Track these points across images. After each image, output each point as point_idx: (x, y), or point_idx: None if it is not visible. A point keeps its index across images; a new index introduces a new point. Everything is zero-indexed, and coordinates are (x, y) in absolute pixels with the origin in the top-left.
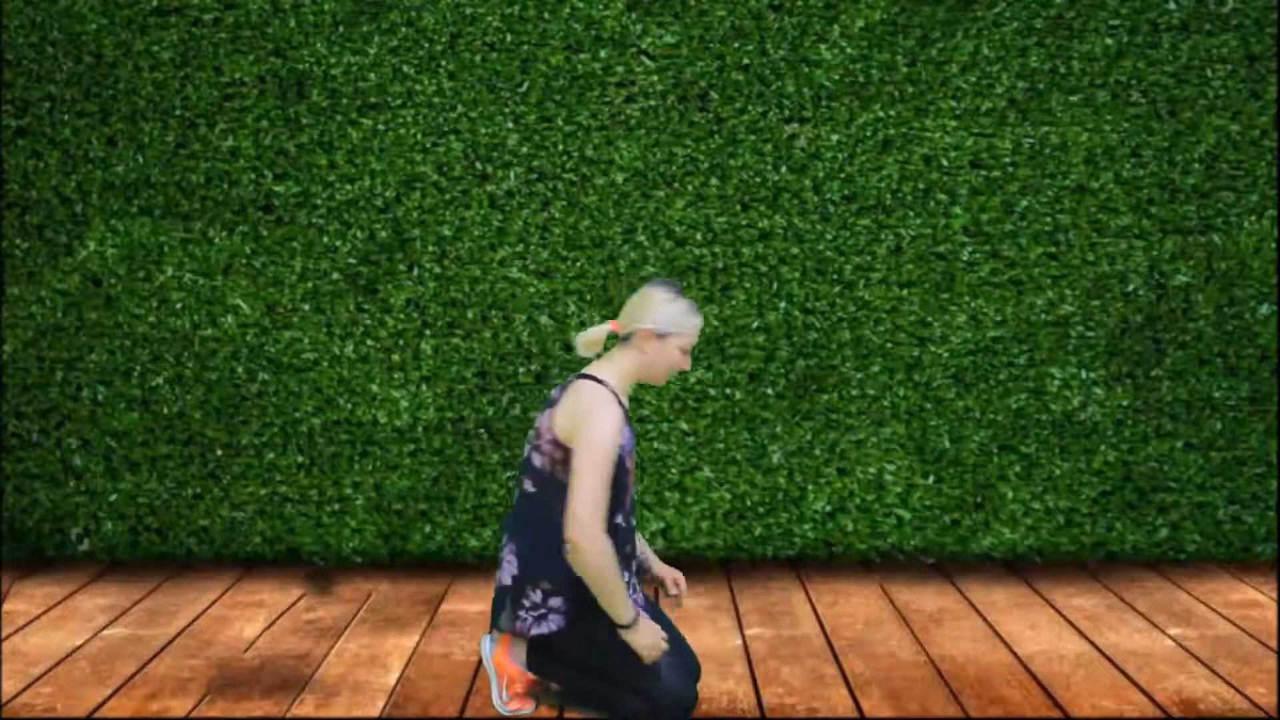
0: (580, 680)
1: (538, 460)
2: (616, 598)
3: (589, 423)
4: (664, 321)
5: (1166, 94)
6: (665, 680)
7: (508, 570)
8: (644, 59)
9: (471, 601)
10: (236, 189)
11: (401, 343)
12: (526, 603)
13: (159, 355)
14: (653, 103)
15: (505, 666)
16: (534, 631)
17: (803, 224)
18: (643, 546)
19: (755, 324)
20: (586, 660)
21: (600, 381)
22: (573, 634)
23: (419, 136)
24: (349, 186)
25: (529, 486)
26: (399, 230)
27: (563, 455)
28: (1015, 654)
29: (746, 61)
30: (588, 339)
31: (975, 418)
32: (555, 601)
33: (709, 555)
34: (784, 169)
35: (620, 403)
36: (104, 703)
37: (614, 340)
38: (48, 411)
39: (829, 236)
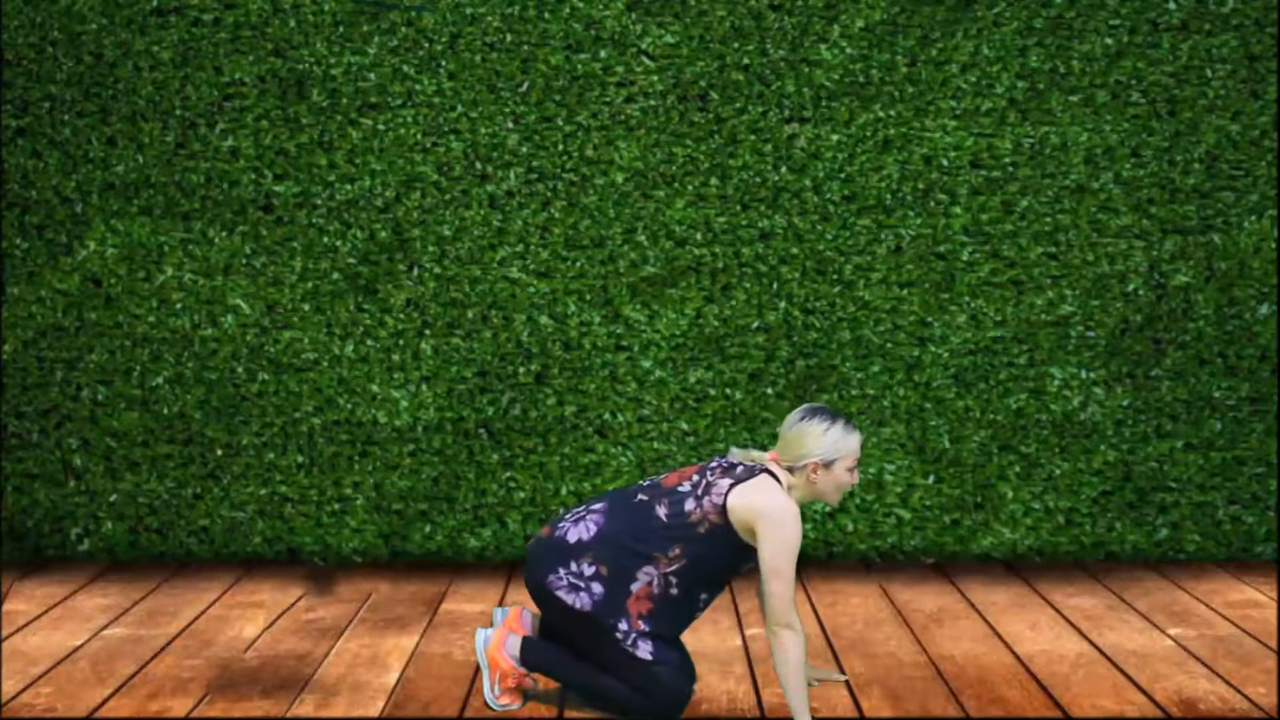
0: (578, 672)
1: (690, 505)
2: (802, 689)
3: (786, 524)
4: (828, 451)
5: (1166, 94)
6: (665, 679)
7: (579, 532)
8: (644, 59)
9: (472, 601)
10: (236, 189)
11: (401, 343)
12: (574, 567)
13: (159, 355)
14: (653, 103)
15: (498, 661)
16: (560, 594)
17: (803, 224)
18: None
19: (755, 324)
20: (590, 648)
21: (778, 485)
22: (590, 621)
23: (419, 136)
24: (349, 186)
25: (660, 510)
26: (399, 230)
27: (718, 521)
28: (1015, 654)
29: (746, 61)
30: (749, 456)
31: (975, 418)
32: (596, 587)
33: None
34: (784, 169)
35: None
36: (104, 703)
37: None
38: (48, 411)
39: (829, 236)
